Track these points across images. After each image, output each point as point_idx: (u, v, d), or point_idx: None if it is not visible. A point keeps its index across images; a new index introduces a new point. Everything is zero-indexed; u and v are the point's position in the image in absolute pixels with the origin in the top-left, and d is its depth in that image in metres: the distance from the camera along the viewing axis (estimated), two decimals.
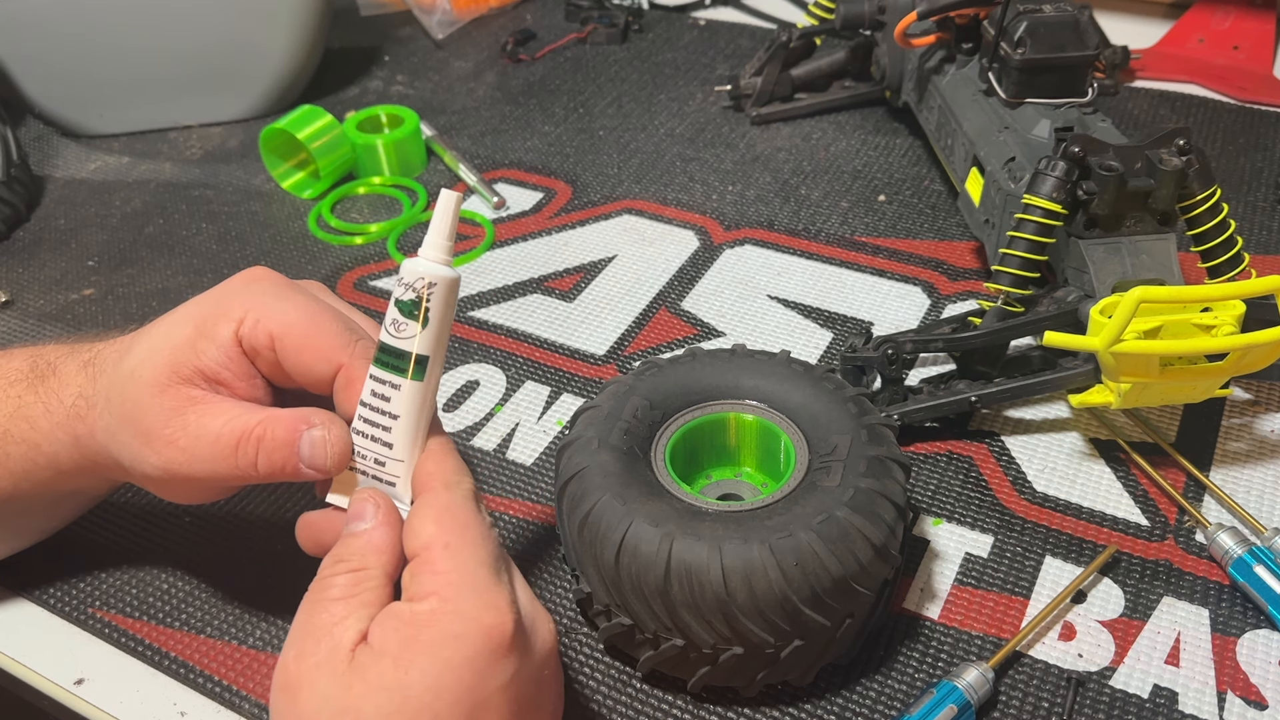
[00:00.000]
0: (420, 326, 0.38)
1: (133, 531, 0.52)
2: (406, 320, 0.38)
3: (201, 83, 0.83)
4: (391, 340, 0.38)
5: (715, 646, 0.41)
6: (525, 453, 0.56)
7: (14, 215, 0.75)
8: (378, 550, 0.38)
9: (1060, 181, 0.52)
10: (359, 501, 0.40)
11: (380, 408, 0.39)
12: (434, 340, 0.38)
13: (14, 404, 0.44)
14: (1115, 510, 0.51)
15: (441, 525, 0.37)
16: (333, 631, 0.36)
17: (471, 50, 0.96)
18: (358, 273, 0.69)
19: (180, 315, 0.43)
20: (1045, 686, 0.44)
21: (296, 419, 0.41)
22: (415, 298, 0.37)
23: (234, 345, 0.42)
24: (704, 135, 0.82)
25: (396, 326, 0.38)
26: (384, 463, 0.40)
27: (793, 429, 0.46)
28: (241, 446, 0.40)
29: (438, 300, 0.38)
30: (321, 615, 0.37)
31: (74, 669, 0.47)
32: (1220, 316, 0.48)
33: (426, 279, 0.37)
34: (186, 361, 0.41)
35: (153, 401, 0.41)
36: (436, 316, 0.38)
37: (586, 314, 0.65)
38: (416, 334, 0.38)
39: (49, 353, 0.46)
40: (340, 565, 0.38)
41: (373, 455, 0.40)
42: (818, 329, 0.63)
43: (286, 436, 0.40)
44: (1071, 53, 0.60)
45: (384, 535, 0.39)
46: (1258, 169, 0.74)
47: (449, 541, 0.37)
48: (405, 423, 0.39)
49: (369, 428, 0.39)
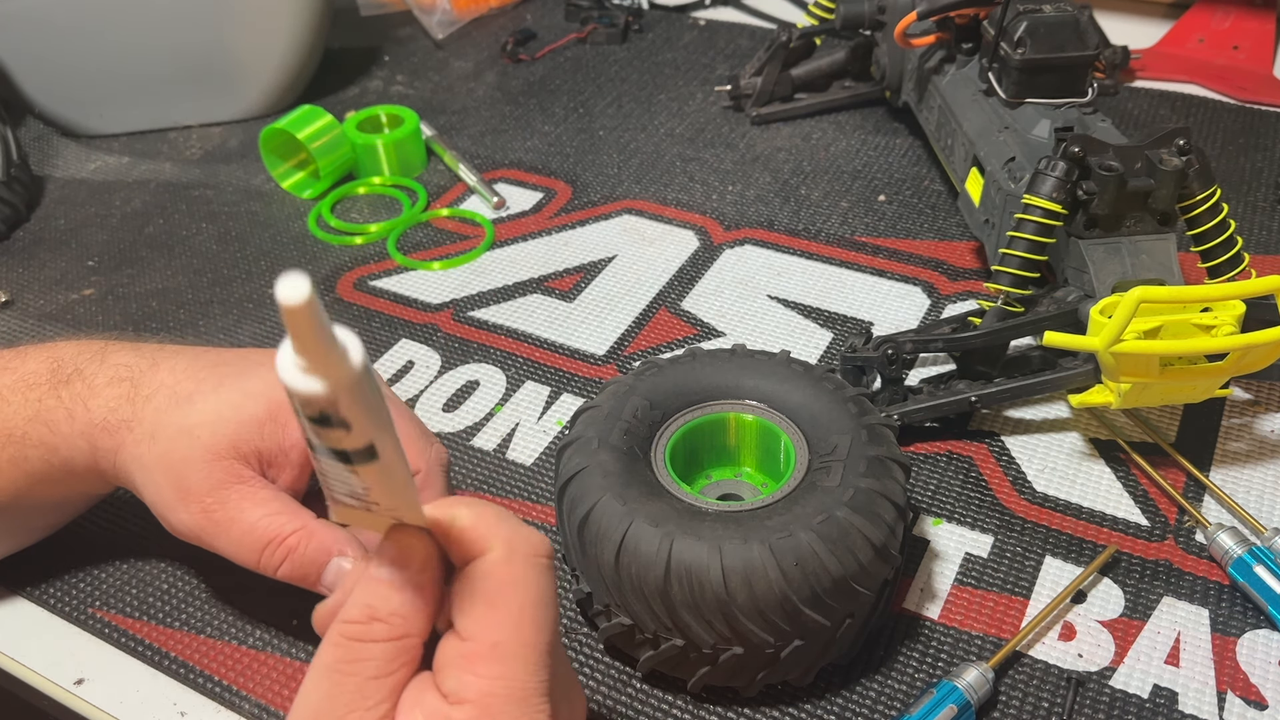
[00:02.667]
0: (345, 430, 0.28)
1: (133, 531, 0.52)
2: (328, 430, 0.28)
3: (201, 83, 0.83)
4: (326, 444, 0.29)
5: (715, 646, 0.41)
6: (525, 453, 0.56)
7: (14, 215, 0.75)
8: (421, 613, 0.33)
9: (1060, 181, 0.52)
10: (397, 543, 0.33)
11: (346, 482, 0.31)
12: (370, 429, 0.28)
13: (34, 407, 0.44)
14: (1115, 510, 0.51)
15: (493, 613, 0.32)
16: (363, 719, 0.31)
17: (471, 50, 0.96)
18: (357, 273, 0.69)
19: (255, 390, 0.43)
20: (1045, 686, 0.44)
21: (331, 540, 0.41)
22: (320, 414, 0.28)
23: (303, 439, 0.42)
24: (704, 135, 0.82)
25: (321, 436, 0.29)
26: (371, 509, 0.32)
27: (793, 429, 0.46)
28: (270, 548, 0.41)
29: (348, 404, 0.27)
30: (352, 695, 0.32)
31: (74, 669, 0.47)
32: (1220, 316, 0.48)
33: (317, 401, 0.27)
34: (249, 440, 0.42)
35: (204, 465, 0.41)
36: (358, 414, 0.28)
37: (586, 314, 0.65)
38: (345, 435, 0.28)
39: (68, 353, 0.45)
40: (377, 628, 0.32)
41: (361, 504, 0.32)
42: (818, 329, 0.63)
43: (316, 557, 0.41)
44: (1071, 53, 0.60)
45: (431, 596, 0.33)
46: (1258, 169, 0.74)
47: (498, 640, 0.31)
48: (379, 487, 0.31)
49: (344, 497, 0.32)
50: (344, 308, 0.66)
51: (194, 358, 0.45)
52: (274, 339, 0.64)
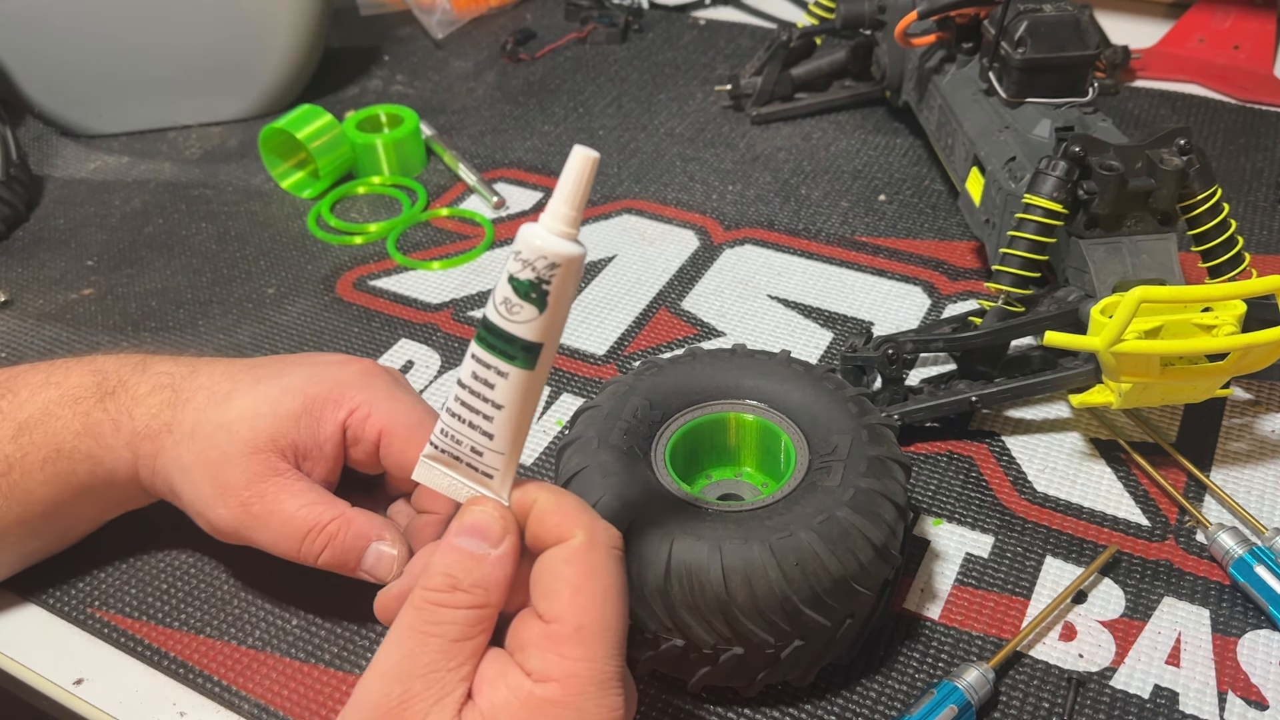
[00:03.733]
0: (537, 310, 0.32)
1: (133, 531, 0.52)
2: (521, 302, 0.32)
3: (201, 82, 0.83)
4: (501, 321, 0.33)
5: (715, 646, 0.41)
6: (525, 452, 0.56)
7: (13, 215, 0.75)
8: (501, 585, 0.34)
9: (1061, 181, 0.52)
10: (483, 516, 0.35)
11: (482, 394, 0.34)
12: (551, 327, 0.33)
13: (82, 421, 0.45)
14: (1116, 510, 0.51)
15: (579, 597, 0.33)
16: (445, 679, 0.33)
17: (471, 50, 0.96)
18: (357, 272, 0.69)
19: (291, 385, 0.44)
20: (1046, 687, 0.44)
21: (369, 527, 0.43)
22: (534, 278, 0.32)
23: (338, 432, 0.44)
24: (704, 135, 0.82)
25: (509, 307, 0.32)
26: (482, 453, 0.35)
27: (793, 429, 0.46)
28: (311, 536, 0.42)
29: (560, 282, 0.32)
30: (435, 654, 0.33)
31: (73, 669, 0.47)
32: (1221, 316, 0.48)
33: (549, 257, 0.31)
34: (286, 433, 0.43)
35: (242, 460, 0.42)
36: (556, 300, 0.32)
37: (586, 314, 0.65)
38: (532, 319, 0.32)
39: (110, 366, 0.46)
40: (460, 596, 0.34)
41: (469, 443, 0.35)
42: (818, 329, 0.63)
43: (356, 543, 0.42)
44: (1072, 52, 0.60)
45: (510, 569, 0.35)
46: (1258, 169, 0.74)
47: (582, 624, 0.33)
48: (509, 413, 0.34)
49: (468, 413, 0.34)
50: (344, 307, 0.66)
51: (230, 362, 0.47)
52: (274, 339, 0.64)
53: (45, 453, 0.44)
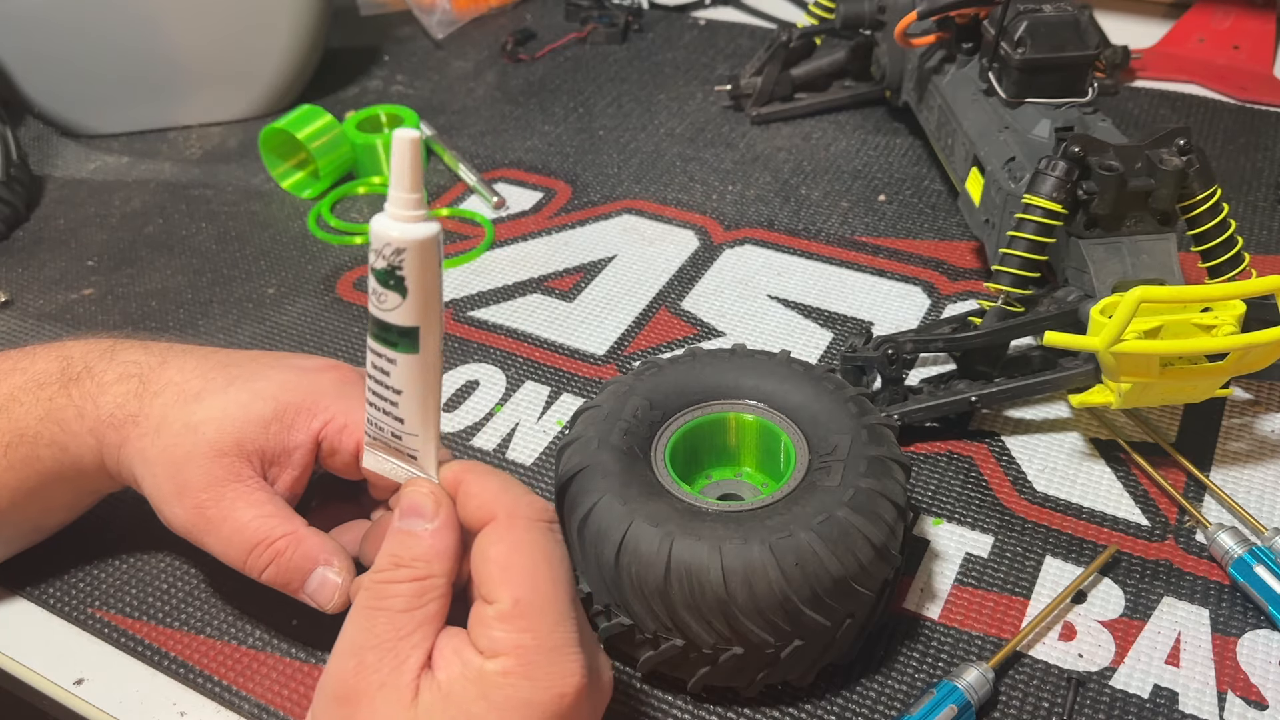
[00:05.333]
0: (400, 297, 0.33)
1: (132, 531, 0.52)
2: (385, 290, 0.33)
3: (201, 83, 0.83)
4: (376, 312, 0.34)
5: (715, 646, 0.41)
6: (525, 453, 0.56)
7: (13, 215, 0.75)
8: (441, 556, 0.37)
9: (1060, 181, 0.52)
10: (416, 495, 0.37)
11: (384, 381, 0.36)
12: (419, 308, 0.33)
13: (45, 406, 0.44)
14: (1115, 510, 0.51)
15: (509, 574, 0.35)
16: (398, 648, 0.35)
17: (471, 50, 0.96)
18: (357, 273, 0.69)
19: (264, 390, 0.43)
20: (1045, 686, 0.44)
21: (318, 550, 0.42)
22: (387, 266, 0.33)
23: (309, 441, 0.43)
24: (704, 135, 0.82)
25: (378, 297, 0.34)
26: (400, 436, 0.37)
27: (793, 429, 0.46)
28: (259, 550, 0.41)
29: (413, 265, 0.32)
30: (384, 626, 0.35)
31: (73, 669, 0.47)
32: (1220, 316, 0.48)
33: (393, 244, 0.32)
34: (254, 439, 0.42)
35: (204, 461, 0.42)
36: (416, 284, 0.33)
37: (586, 314, 0.65)
38: (398, 305, 0.33)
39: (77, 352, 0.46)
40: (402, 571, 0.36)
41: (389, 428, 0.37)
42: (818, 329, 0.63)
43: (302, 564, 0.41)
44: (1072, 52, 0.60)
45: (449, 540, 0.37)
46: (1258, 169, 0.74)
47: (518, 598, 0.35)
48: (409, 397, 0.36)
49: (380, 400, 0.37)
50: (344, 307, 0.66)
51: (203, 357, 0.46)
52: (273, 339, 0.64)
53: (8, 438, 0.44)
